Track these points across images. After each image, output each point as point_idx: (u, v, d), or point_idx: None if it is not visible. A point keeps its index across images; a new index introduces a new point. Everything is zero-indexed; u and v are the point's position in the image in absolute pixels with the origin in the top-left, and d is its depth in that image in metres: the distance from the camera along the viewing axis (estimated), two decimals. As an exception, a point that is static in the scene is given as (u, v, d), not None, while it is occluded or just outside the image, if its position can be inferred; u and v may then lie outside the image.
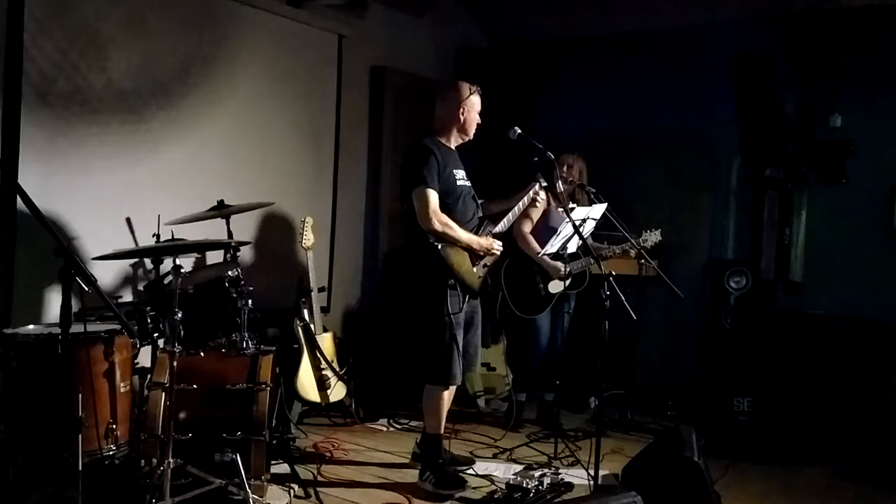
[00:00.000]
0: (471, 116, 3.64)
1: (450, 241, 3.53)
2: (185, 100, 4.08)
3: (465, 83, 3.66)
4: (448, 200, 3.56)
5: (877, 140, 4.72)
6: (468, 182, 3.72)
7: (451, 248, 3.53)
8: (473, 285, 3.63)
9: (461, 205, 3.62)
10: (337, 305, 5.06)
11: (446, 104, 3.65)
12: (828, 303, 4.86)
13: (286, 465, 3.60)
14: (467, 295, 3.60)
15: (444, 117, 3.67)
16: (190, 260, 4.01)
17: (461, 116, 3.62)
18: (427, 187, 3.48)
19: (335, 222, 5.01)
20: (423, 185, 3.48)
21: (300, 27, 4.66)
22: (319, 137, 4.90)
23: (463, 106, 3.61)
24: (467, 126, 3.65)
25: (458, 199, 3.61)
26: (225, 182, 4.16)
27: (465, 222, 3.62)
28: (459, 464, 3.87)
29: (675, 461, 3.19)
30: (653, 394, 5.16)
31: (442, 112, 3.67)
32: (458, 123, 3.64)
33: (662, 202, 5.36)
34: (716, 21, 5.20)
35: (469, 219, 3.66)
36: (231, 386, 3.18)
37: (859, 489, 3.92)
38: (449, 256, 3.51)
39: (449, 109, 3.64)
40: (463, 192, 3.65)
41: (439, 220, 3.49)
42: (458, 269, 3.54)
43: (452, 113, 3.63)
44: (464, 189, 3.66)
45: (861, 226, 4.85)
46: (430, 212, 3.47)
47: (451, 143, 3.69)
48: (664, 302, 5.30)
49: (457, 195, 3.61)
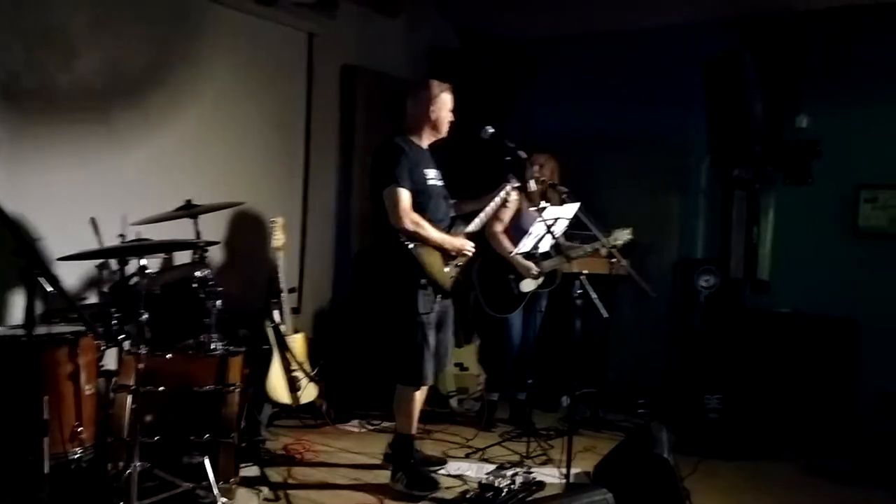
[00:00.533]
0: (442, 114, 3.62)
1: (421, 241, 3.51)
2: (152, 98, 4.02)
3: (435, 81, 3.65)
4: (419, 200, 3.54)
5: (841, 141, 4.80)
6: (440, 182, 3.70)
7: (423, 247, 3.51)
8: (445, 285, 3.62)
9: (433, 204, 3.61)
10: (308, 306, 5.02)
11: (417, 102, 3.63)
12: (795, 301, 4.93)
13: (256, 467, 3.56)
14: (439, 295, 3.59)
15: (415, 116, 3.64)
16: (157, 261, 3.94)
17: (432, 114, 3.60)
18: (398, 186, 3.45)
19: (306, 222, 4.98)
20: (394, 183, 3.45)
21: (270, 25, 4.62)
22: (290, 137, 4.86)
23: (434, 104, 3.59)
24: (439, 124, 3.63)
25: (429, 198, 3.59)
26: (193, 182, 4.11)
27: (437, 222, 3.60)
28: (432, 464, 3.86)
29: (646, 458, 3.21)
30: (624, 392, 5.20)
31: (413, 110, 3.65)
32: (429, 122, 3.62)
33: (633, 202, 5.40)
34: (686, 23, 5.25)
35: (441, 218, 3.64)
36: (199, 388, 3.14)
37: (825, 483, 3.98)
38: (420, 256, 3.49)
39: (420, 108, 3.62)
40: (434, 192, 3.63)
41: (411, 219, 3.47)
42: (430, 269, 3.53)
43: (424, 111, 3.61)
44: (435, 188, 3.64)
45: (826, 225, 4.92)
46: (401, 211, 3.44)
47: (423, 143, 3.67)
48: (635, 301, 5.34)
49: (428, 194, 3.59)
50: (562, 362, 4.96)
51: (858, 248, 4.82)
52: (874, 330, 4.61)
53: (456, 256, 3.65)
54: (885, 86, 4.74)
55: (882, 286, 4.71)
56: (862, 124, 4.81)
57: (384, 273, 3.61)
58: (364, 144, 5.30)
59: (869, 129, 4.79)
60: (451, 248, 3.61)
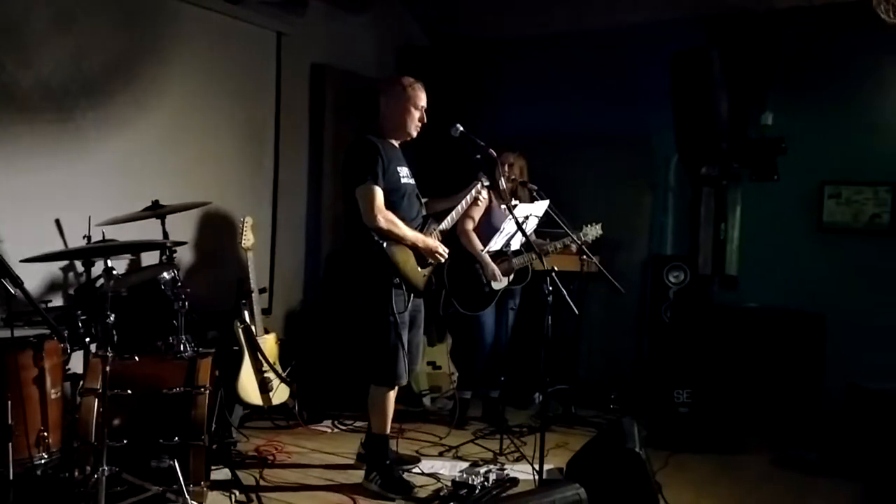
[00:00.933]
0: (414, 112, 3.58)
1: (395, 240, 3.48)
2: (117, 97, 3.96)
3: (408, 78, 3.62)
4: (392, 198, 3.51)
5: (806, 138, 4.88)
6: (412, 180, 3.68)
7: (396, 246, 3.48)
8: (418, 284, 3.60)
9: (405, 202, 3.58)
10: (279, 306, 4.98)
11: (390, 100, 3.60)
12: (762, 296, 5.00)
13: (227, 470, 3.52)
14: (412, 294, 3.57)
15: (387, 113, 3.61)
16: (123, 262, 3.90)
17: (405, 112, 3.56)
18: (372, 184, 3.41)
19: (276, 222, 4.94)
20: (367, 181, 3.42)
21: (237, 24, 4.58)
22: (259, 136, 4.82)
23: (406, 101, 3.56)
24: (410, 122, 3.59)
25: (402, 196, 3.57)
26: (160, 182, 4.06)
27: (410, 220, 3.57)
28: (405, 463, 3.85)
29: (618, 453, 3.23)
30: (596, 388, 5.23)
31: (385, 108, 3.61)
32: (401, 119, 3.58)
33: (603, 199, 5.43)
34: (654, 21, 5.30)
35: (414, 217, 3.62)
36: (168, 390, 3.10)
37: (794, 474, 4.05)
38: (394, 255, 3.47)
39: (392, 105, 3.58)
40: (407, 190, 3.61)
41: (385, 217, 3.44)
42: (403, 268, 3.50)
43: (396, 109, 3.57)
44: (408, 187, 3.62)
45: (792, 221, 5.01)
46: (375, 209, 3.41)
47: (394, 140, 3.64)
48: (606, 297, 5.38)
49: (401, 193, 3.56)
50: (534, 359, 4.98)
51: (823, 243, 4.91)
52: (839, 323, 4.69)
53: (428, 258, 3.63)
54: (847, 84, 4.83)
55: (846, 280, 4.80)
56: (825, 122, 4.90)
57: (357, 272, 3.57)
58: (333, 143, 5.27)
59: (832, 127, 4.88)
60: (425, 249, 3.58)
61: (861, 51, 4.76)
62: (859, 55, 4.78)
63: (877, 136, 4.75)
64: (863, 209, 4.81)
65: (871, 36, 4.52)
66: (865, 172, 4.79)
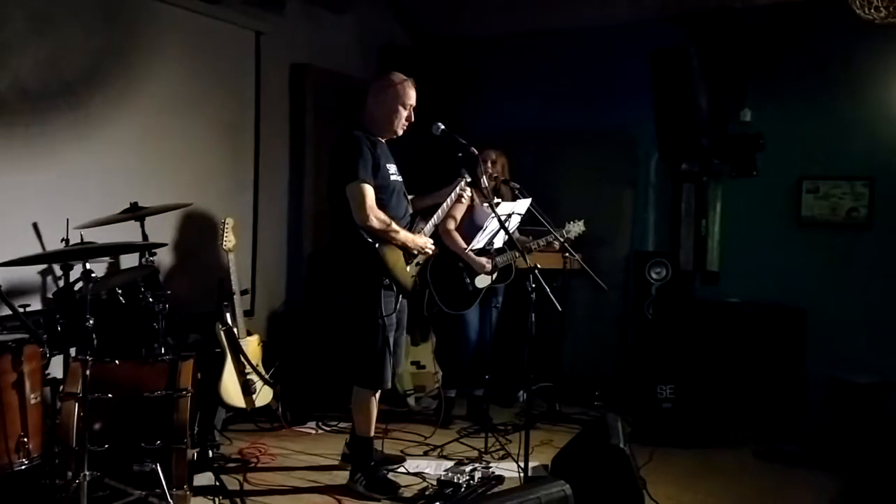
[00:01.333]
0: (402, 111, 3.53)
1: (387, 240, 3.44)
2: (95, 99, 3.91)
3: (399, 75, 3.57)
4: (382, 196, 3.46)
5: (784, 133, 4.92)
6: (400, 177, 3.63)
7: (388, 246, 3.44)
8: (407, 285, 3.57)
9: (394, 200, 3.53)
10: (261, 308, 4.95)
11: (378, 97, 3.54)
12: (743, 290, 5.04)
13: (210, 473, 3.49)
14: (401, 295, 3.54)
15: (374, 110, 3.55)
16: (102, 265, 3.85)
17: (393, 109, 3.51)
18: (363, 182, 3.35)
19: (257, 223, 4.91)
20: (358, 179, 3.35)
21: (215, 23, 4.54)
22: (238, 136, 4.79)
23: (395, 99, 3.51)
24: (398, 120, 3.53)
25: (391, 194, 3.52)
26: (139, 183, 4.02)
27: (399, 219, 3.52)
28: (391, 463, 3.84)
29: (603, 449, 3.25)
30: (580, 385, 5.25)
31: (373, 105, 3.55)
32: (389, 116, 3.52)
33: (585, 197, 5.45)
34: (634, 20, 5.33)
35: (402, 215, 3.58)
36: (149, 393, 3.07)
37: (776, 467, 4.08)
38: (385, 255, 3.42)
39: (381, 102, 3.53)
40: (395, 188, 3.56)
41: (377, 216, 3.38)
42: (394, 269, 3.46)
43: (384, 105, 3.52)
44: (396, 184, 3.58)
45: (771, 216, 5.05)
46: (367, 208, 3.35)
47: (382, 137, 3.58)
48: (589, 294, 5.40)
49: (390, 190, 3.52)
50: (518, 357, 4.98)
51: (802, 238, 4.96)
52: (818, 316, 4.75)
53: (417, 255, 3.61)
54: (823, 79, 4.88)
55: (825, 274, 4.85)
56: (802, 117, 4.94)
57: (345, 273, 3.52)
58: (315, 143, 5.25)
59: (809, 122, 4.93)
60: (415, 247, 3.55)
61: (837, 46, 4.81)
62: (836, 51, 4.83)
63: (853, 131, 4.81)
64: (840, 203, 4.86)
65: (847, 31, 4.58)
66: (842, 167, 4.84)
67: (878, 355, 4.58)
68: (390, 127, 3.56)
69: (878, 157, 4.74)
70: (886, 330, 4.64)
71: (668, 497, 3.50)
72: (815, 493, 3.72)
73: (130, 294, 3.48)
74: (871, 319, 4.70)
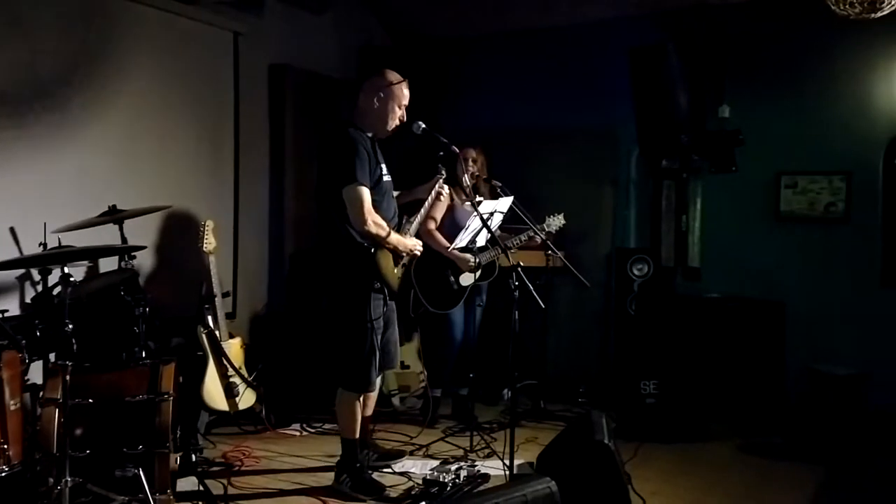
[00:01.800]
0: (397, 111, 3.49)
1: (379, 244, 3.40)
2: (71, 101, 3.87)
3: (395, 75, 3.53)
4: (375, 197, 3.41)
5: (762, 129, 4.97)
6: (390, 176, 3.59)
7: (381, 249, 3.42)
8: (395, 286, 3.56)
9: (385, 202, 3.50)
10: (243, 310, 4.92)
11: (372, 95, 3.48)
12: (724, 285, 5.09)
13: (194, 477, 3.46)
14: (390, 297, 3.53)
15: (367, 108, 3.49)
16: (81, 269, 3.81)
17: (388, 109, 3.47)
18: (360, 185, 3.30)
19: (238, 225, 4.88)
20: (356, 182, 3.30)
21: (192, 24, 4.50)
22: (218, 138, 4.75)
23: (391, 99, 3.46)
24: (392, 120, 3.49)
25: (383, 195, 3.49)
26: (118, 186, 3.98)
27: (389, 219, 3.50)
28: (391, 458, 3.85)
29: (588, 445, 3.25)
30: (564, 382, 5.27)
31: (365, 103, 3.50)
32: (382, 116, 3.47)
33: (566, 194, 5.45)
34: (613, 16, 5.36)
35: (392, 215, 3.56)
36: (130, 398, 3.03)
37: (758, 461, 4.11)
38: (379, 259, 3.40)
39: (375, 101, 3.47)
40: (387, 188, 3.54)
41: (375, 221, 3.34)
42: (385, 272, 3.44)
43: (379, 105, 3.47)
44: (388, 184, 3.55)
45: (751, 211, 5.10)
46: (365, 212, 3.30)
47: (374, 135, 3.53)
48: (572, 292, 5.42)
49: (382, 191, 3.48)
50: (502, 356, 4.98)
51: (781, 232, 5.01)
52: (797, 309, 4.80)
53: (404, 257, 3.59)
54: (799, 75, 4.94)
55: (804, 267, 4.90)
56: (780, 113, 5.00)
57: (335, 274, 3.48)
58: (294, 143, 5.23)
59: (786, 118, 4.98)
60: (404, 250, 3.54)
61: (814, 43, 4.87)
62: (812, 47, 4.89)
63: (830, 126, 4.86)
64: (818, 198, 4.91)
65: (823, 28, 4.63)
66: (820, 162, 4.90)
67: (856, 347, 4.64)
68: (383, 126, 3.51)
69: (854, 152, 4.80)
70: (864, 321, 4.71)
71: (653, 492, 3.52)
72: (798, 484, 3.75)
73: (110, 298, 3.44)
74: (849, 311, 4.76)
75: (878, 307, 4.70)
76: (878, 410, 4.36)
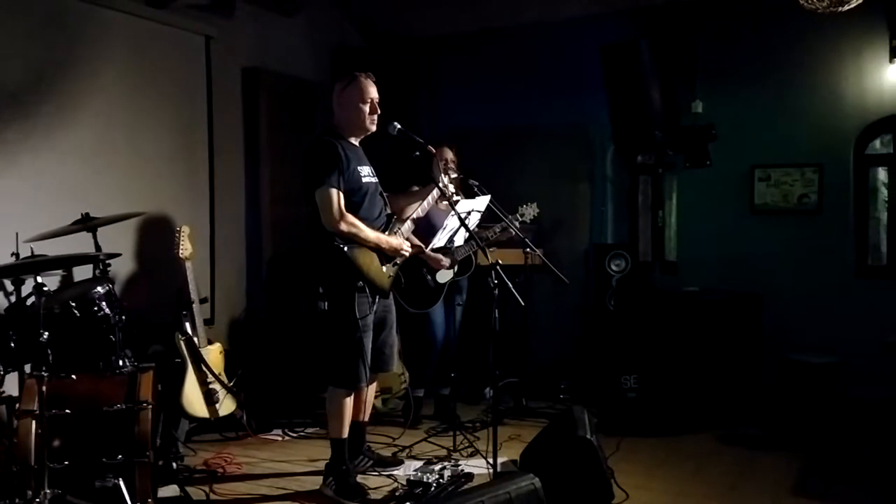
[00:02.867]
0: (364, 106, 3.51)
1: (358, 242, 3.43)
2: (40, 108, 3.82)
3: (355, 73, 3.56)
4: (354, 199, 3.46)
5: (734, 123, 5.02)
6: (375, 178, 3.63)
7: (359, 248, 3.43)
8: (384, 285, 3.56)
9: (367, 202, 3.53)
10: (222, 316, 4.88)
11: (340, 98, 3.54)
12: (701, 279, 5.13)
13: (175, 485, 3.43)
14: (377, 296, 3.53)
15: (339, 112, 3.55)
16: (55, 278, 3.76)
17: (355, 107, 3.50)
18: (330, 187, 3.37)
19: (214, 230, 4.83)
20: (325, 185, 3.36)
21: (162, 28, 4.46)
22: (192, 143, 4.71)
23: (355, 96, 3.50)
24: (363, 116, 3.51)
25: (364, 196, 3.52)
26: (91, 194, 3.94)
27: (372, 220, 3.53)
28: (386, 464, 3.85)
29: (570, 441, 3.28)
30: (545, 379, 5.29)
31: (338, 107, 3.56)
32: (353, 115, 3.52)
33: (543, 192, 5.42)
34: (585, 14, 5.38)
35: (376, 216, 3.58)
36: (108, 408, 3.00)
37: (738, 451, 4.16)
38: (357, 258, 3.42)
39: (343, 103, 3.53)
40: (369, 190, 3.56)
41: (345, 220, 3.39)
42: (367, 271, 3.45)
43: (347, 105, 3.52)
44: (370, 186, 3.57)
45: (725, 205, 5.15)
46: (334, 212, 3.36)
47: (353, 139, 3.58)
48: (551, 289, 5.44)
49: (363, 192, 3.52)
50: (483, 354, 4.99)
51: (756, 225, 5.06)
52: (774, 301, 4.86)
53: (394, 257, 3.60)
54: (770, 70, 4.99)
55: (778, 259, 4.96)
56: (752, 107, 5.05)
57: (319, 276, 3.50)
58: (269, 146, 5.20)
59: (758, 112, 5.03)
60: (389, 249, 3.55)
61: (782, 36, 4.93)
62: (781, 41, 4.94)
63: (801, 118, 4.93)
64: (791, 190, 4.97)
65: (793, 22, 4.70)
66: (792, 155, 4.96)
67: (831, 336, 4.70)
68: (359, 125, 3.55)
69: (826, 144, 4.87)
70: (838, 310, 4.77)
71: (635, 486, 3.54)
72: (778, 473, 3.80)
73: (85, 307, 3.40)
74: (824, 302, 4.82)
75: (852, 297, 4.77)
76: (853, 398, 4.43)
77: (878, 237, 4.88)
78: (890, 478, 3.76)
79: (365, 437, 3.88)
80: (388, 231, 3.61)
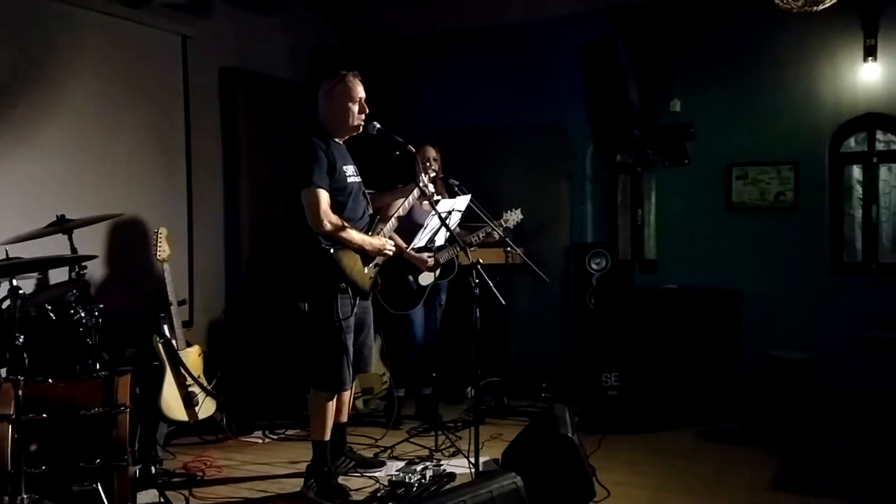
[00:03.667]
0: (352, 106, 3.48)
1: (342, 243, 3.40)
2: (13, 110, 3.77)
3: (343, 71, 3.53)
4: (339, 198, 3.43)
5: (712, 122, 5.06)
6: (358, 178, 3.60)
7: (343, 250, 3.41)
8: (365, 287, 3.54)
9: (351, 202, 3.50)
10: (200, 318, 4.84)
11: (326, 97, 3.50)
12: (680, 276, 5.16)
13: (154, 490, 3.39)
14: (358, 297, 3.50)
15: (326, 111, 3.52)
16: (30, 281, 3.70)
17: (342, 107, 3.47)
18: (317, 187, 3.32)
19: (192, 231, 4.79)
20: (311, 184, 3.32)
21: (138, 28, 4.41)
22: (169, 143, 4.66)
23: (342, 95, 3.47)
24: (350, 116, 3.49)
25: (348, 196, 3.49)
26: (66, 195, 3.89)
27: (356, 220, 3.50)
28: (369, 466, 3.83)
29: (552, 439, 3.28)
30: (527, 377, 5.30)
31: (324, 106, 3.52)
32: (340, 114, 3.49)
33: (523, 191, 5.49)
34: (565, 14, 5.40)
35: (360, 216, 3.55)
36: (86, 411, 2.95)
37: (718, 446, 4.20)
38: (341, 259, 3.38)
39: (330, 102, 3.49)
40: (353, 189, 3.53)
41: (331, 221, 3.35)
42: (350, 272, 3.42)
43: (334, 104, 3.48)
44: (354, 186, 3.55)
45: (704, 203, 5.19)
46: (321, 213, 3.32)
47: (338, 138, 3.55)
48: (532, 287, 5.45)
49: (347, 192, 3.49)
50: (464, 354, 4.99)
51: (733, 223, 5.11)
52: (752, 297, 4.91)
53: (376, 257, 3.58)
54: (746, 68, 5.04)
55: (756, 256, 5.01)
56: (729, 106, 5.10)
57: (301, 277, 3.47)
58: (248, 146, 5.16)
59: (736, 111, 5.08)
60: (372, 250, 3.53)
61: (758, 35, 4.98)
62: (757, 40, 5.00)
63: (778, 118, 4.98)
64: (768, 188, 5.02)
65: (769, 21, 4.75)
66: (769, 153, 5.01)
67: (808, 332, 4.75)
68: (346, 124, 3.52)
69: (801, 143, 4.93)
70: (815, 306, 4.83)
71: (617, 483, 3.55)
72: (757, 467, 3.84)
73: (61, 310, 3.35)
74: (801, 298, 4.87)
75: (829, 293, 4.83)
76: (830, 393, 4.48)
77: (853, 234, 4.94)
78: (866, 471, 3.82)
79: (346, 437, 3.86)
80: (371, 231, 3.59)
